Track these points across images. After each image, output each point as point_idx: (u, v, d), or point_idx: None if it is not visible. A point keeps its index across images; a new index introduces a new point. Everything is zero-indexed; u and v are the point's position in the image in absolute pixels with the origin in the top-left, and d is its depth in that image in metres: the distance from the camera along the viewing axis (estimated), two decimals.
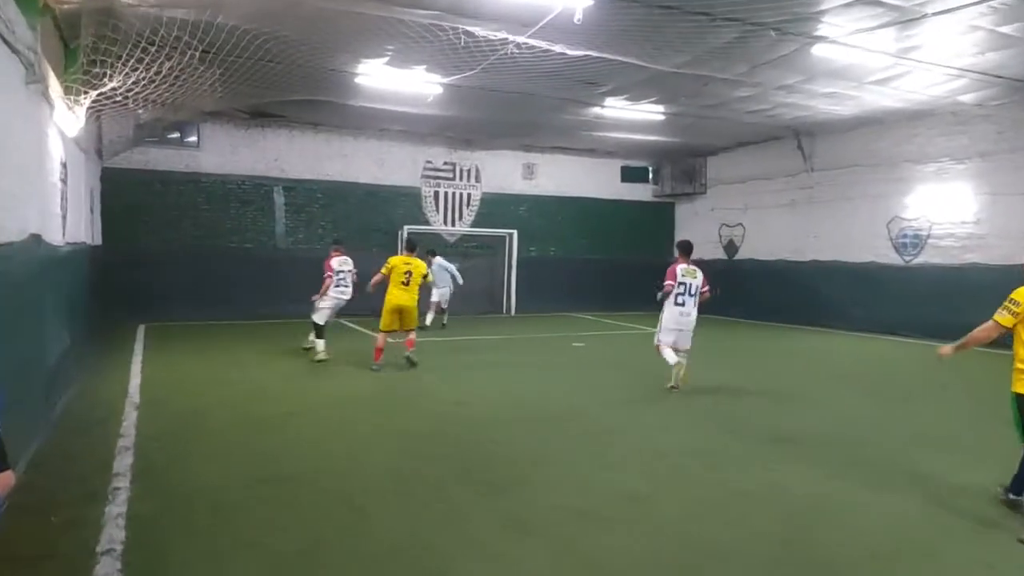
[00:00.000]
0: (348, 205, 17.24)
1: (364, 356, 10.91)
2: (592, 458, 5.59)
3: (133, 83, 8.41)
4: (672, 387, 8.36)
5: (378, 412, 7.12)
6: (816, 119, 15.02)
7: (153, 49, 7.91)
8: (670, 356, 8.45)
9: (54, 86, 7.27)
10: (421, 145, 17.97)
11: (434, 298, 14.64)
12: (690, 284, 8.67)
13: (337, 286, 10.78)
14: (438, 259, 14.63)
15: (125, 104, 8.99)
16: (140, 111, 9.46)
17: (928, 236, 14.46)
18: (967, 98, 12.83)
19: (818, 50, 10.05)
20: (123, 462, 5.21)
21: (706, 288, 8.89)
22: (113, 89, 8.43)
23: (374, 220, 17.49)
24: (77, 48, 7.87)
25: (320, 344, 10.45)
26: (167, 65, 8.30)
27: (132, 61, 7.96)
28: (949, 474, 5.38)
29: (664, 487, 4.94)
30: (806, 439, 6.35)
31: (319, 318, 10.71)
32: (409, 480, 4.94)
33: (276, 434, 6.13)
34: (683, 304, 8.63)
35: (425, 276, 9.92)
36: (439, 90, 12.52)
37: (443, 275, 14.57)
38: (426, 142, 17.97)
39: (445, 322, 15.13)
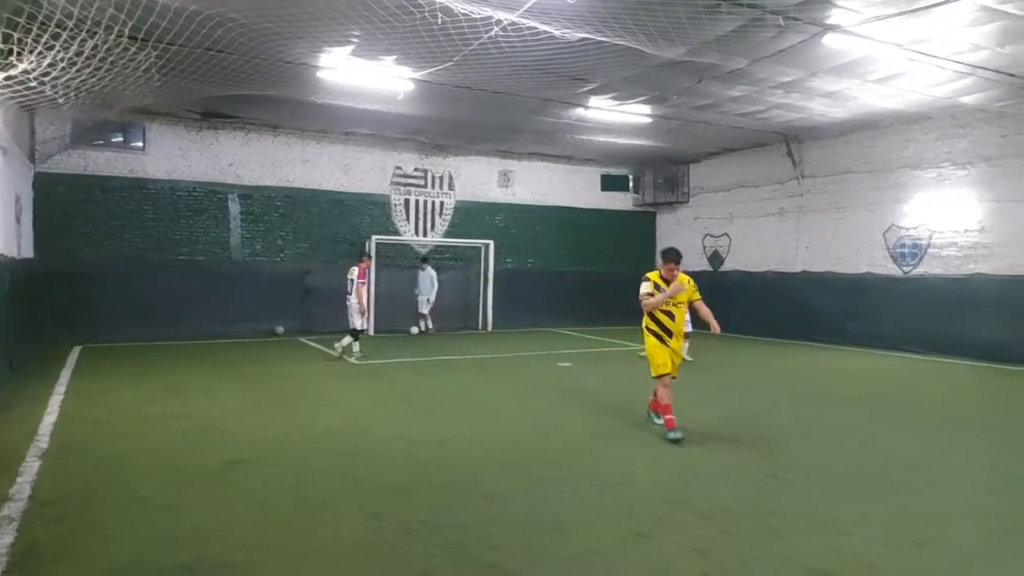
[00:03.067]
0: (310, 214, 15.94)
1: (325, 377, 9.73)
2: (615, 520, 4.46)
3: (49, 65, 7.13)
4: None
5: (342, 456, 5.90)
6: (808, 123, 14.26)
7: (71, 24, 6.65)
8: None
9: None
10: (390, 150, 16.77)
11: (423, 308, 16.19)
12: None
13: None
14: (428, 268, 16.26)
15: (42, 91, 7.68)
16: (61, 100, 8.10)
17: (928, 245, 13.71)
18: (969, 99, 12.13)
19: (829, 40, 9.18)
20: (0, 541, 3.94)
21: None
22: (25, 72, 7.13)
23: (339, 230, 16.21)
24: None
25: (356, 346, 11.80)
26: (90, 44, 7.05)
27: (46, 38, 6.70)
28: None
29: (717, 563, 3.83)
30: (863, 481, 5.32)
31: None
32: (388, 566, 3.75)
33: (212, 494, 4.88)
34: None
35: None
36: (410, 86, 11.37)
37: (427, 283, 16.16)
38: (396, 147, 16.78)
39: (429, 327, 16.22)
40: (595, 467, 5.68)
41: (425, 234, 17.28)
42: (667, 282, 6.68)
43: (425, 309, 16.09)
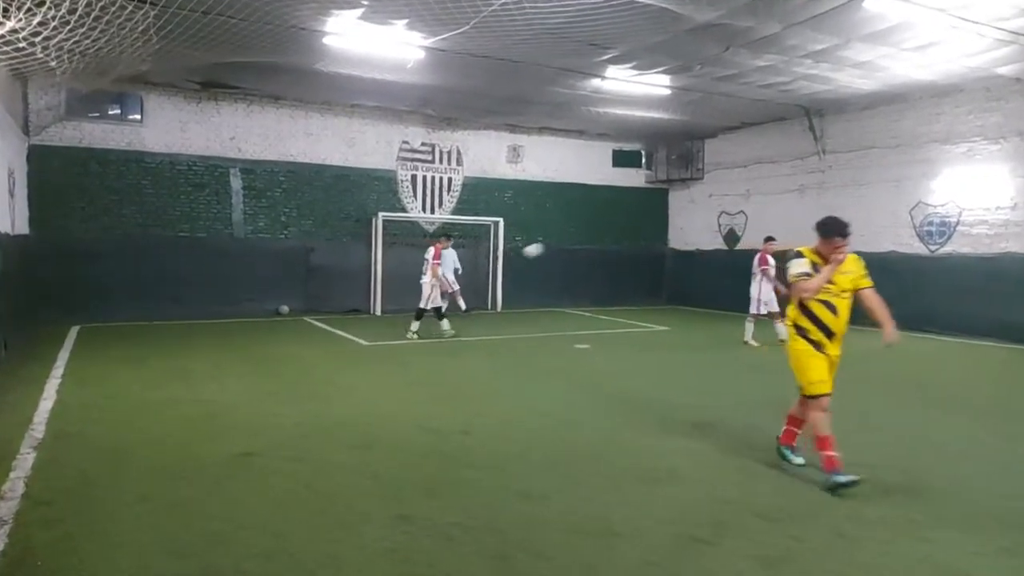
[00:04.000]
0: (315, 190, 15.41)
1: (335, 360, 9.29)
2: (668, 523, 4.04)
3: (40, 24, 6.60)
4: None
5: (361, 448, 5.48)
6: (834, 95, 13.66)
7: None
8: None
9: None
10: (397, 124, 16.19)
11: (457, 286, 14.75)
12: None
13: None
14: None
15: (32, 53, 7.16)
16: (54, 63, 7.57)
17: (957, 223, 13.21)
18: (1006, 70, 11.56)
19: (869, 3, 8.63)
20: None
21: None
22: (13, 32, 6.61)
23: (344, 206, 15.69)
24: None
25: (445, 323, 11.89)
26: (83, 1, 6.52)
27: None
28: None
29: (787, 569, 3.41)
30: (930, 478, 4.91)
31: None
32: None
33: (222, 491, 4.45)
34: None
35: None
36: (421, 55, 10.82)
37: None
38: (403, 120, 16.20)
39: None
40: (633, 461, 5.25)
41: (433, 211, 16.77)
42: (827, 263, 4.81)
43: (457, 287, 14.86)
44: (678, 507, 4.30)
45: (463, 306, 15.04)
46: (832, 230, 4.76)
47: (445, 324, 11.84)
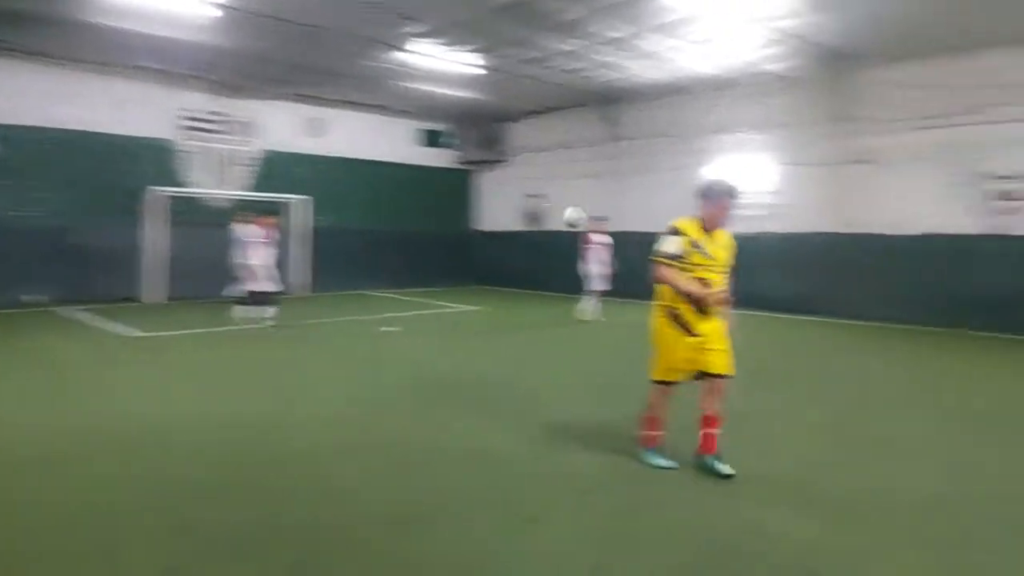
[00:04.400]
0: (78, 160, 13.39)
1: (100, 355, 8.07)
2: (488, 504, 3.87)
3: None
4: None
5: (134, 453, 4.69)
6: (627, 84, 14.44)
7: None
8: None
9: None
10: (182, 88, 14.52)
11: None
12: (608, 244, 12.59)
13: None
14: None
15: None
16: None
17: None
18: (774, 67, 12.77)
19: None
20: None
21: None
22: None
23: (115, 179, 13.80)
24: None
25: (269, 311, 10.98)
26: None
27: None
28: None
29: (614, 544, 3.38)
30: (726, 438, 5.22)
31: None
32: None
33: None
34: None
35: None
36: (218, 13, 9.73)
37: None
38: (188, 86, 14.55)
39: None
40: (449, 444, 5.04)
41: (223, 187, 15.29)
42: (708, 232, 4.40)
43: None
44: (500, 488, 4.16)
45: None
46: (720, 191, 4.42)
47: (243, 311, 11.00)
